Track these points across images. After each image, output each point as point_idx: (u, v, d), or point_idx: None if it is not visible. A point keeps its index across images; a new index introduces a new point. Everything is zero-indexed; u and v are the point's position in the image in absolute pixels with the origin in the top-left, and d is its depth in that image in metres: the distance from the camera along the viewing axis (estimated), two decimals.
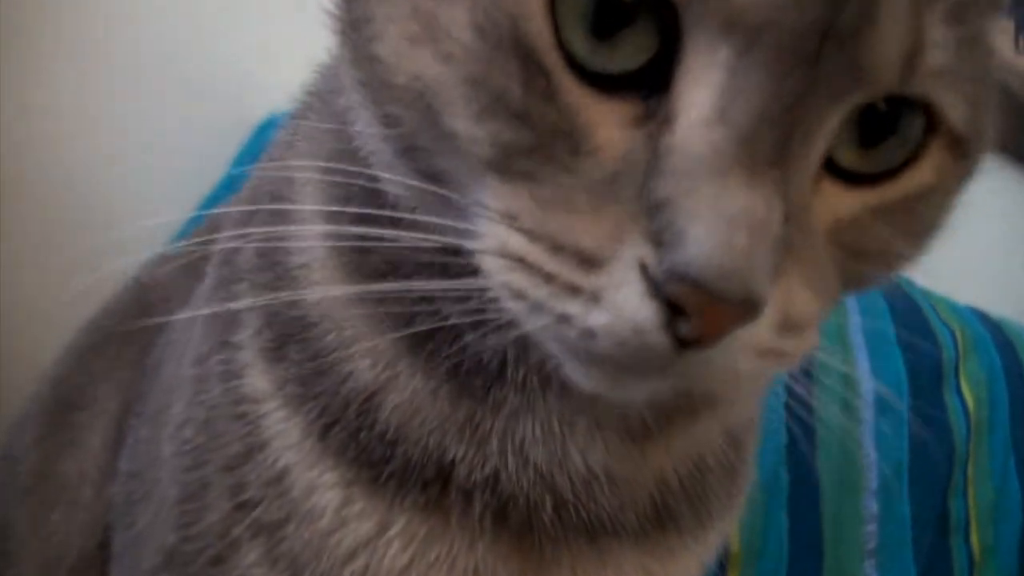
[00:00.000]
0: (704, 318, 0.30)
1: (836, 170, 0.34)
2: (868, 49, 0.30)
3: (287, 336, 0.43)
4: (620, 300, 0.30)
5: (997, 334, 1.02)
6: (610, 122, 0.32)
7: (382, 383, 0.41)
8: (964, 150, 0.36)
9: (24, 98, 0.95)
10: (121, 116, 1.00)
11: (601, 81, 0.32)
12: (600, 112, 0.32)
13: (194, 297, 0.51)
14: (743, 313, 0.30)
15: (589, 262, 0.31)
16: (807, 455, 0.80)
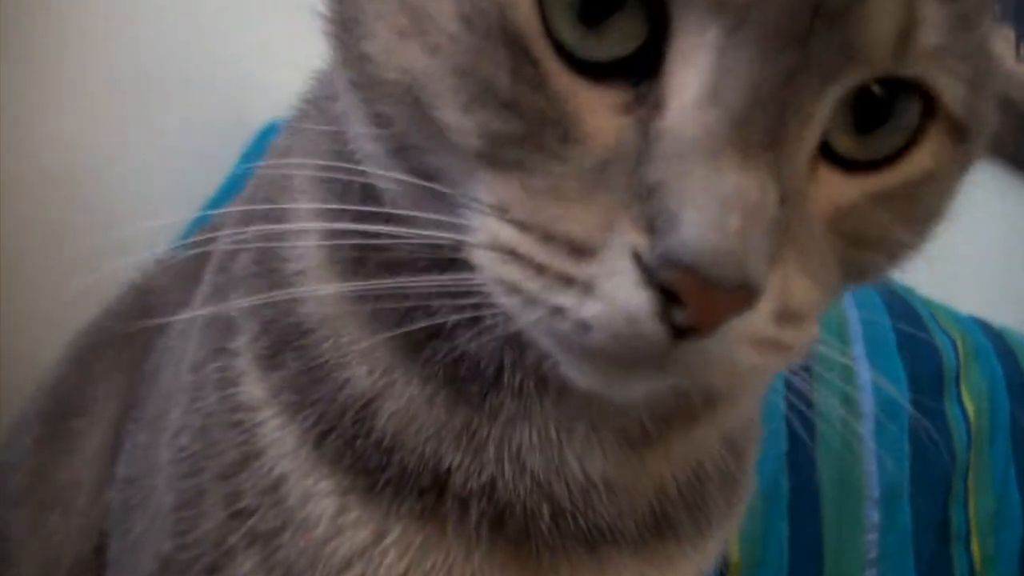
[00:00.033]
0: (700, 305, 0.29)
1: (834, 157, 0.34)
2: (859, 26, 0.30)
3: (283, 343, 0.42)
4: (613, 289, 0.30)
5: (998, 343, 1.02)
6: (599, 109, 0.31)
7: (379, 390, 0.41)
8: (963, 135, 0.35)
9: (24, 98, 0.95)
10: (121, 117, 1.00)
11: (590, 68, 0.31)
12: (589, 99, 0.31)
13: (191, 302, 0.51)
14: (740, 299, 0.29)
15: (580, 251, 0.30)
16: (807, 454, 0.80)
